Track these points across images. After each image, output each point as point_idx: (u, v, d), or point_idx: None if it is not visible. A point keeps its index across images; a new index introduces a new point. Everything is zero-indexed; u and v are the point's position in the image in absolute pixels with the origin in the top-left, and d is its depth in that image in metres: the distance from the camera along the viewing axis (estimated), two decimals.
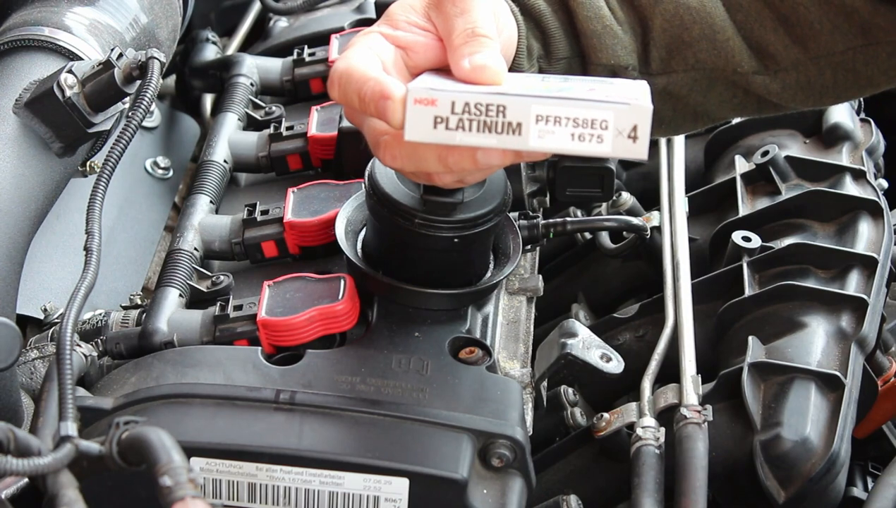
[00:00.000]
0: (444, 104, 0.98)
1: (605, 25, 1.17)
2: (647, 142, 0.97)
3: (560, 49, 1.17)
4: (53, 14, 1.32)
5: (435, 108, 0.98)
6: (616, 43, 1.17)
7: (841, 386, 1.27)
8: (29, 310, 1.31)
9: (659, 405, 1.26)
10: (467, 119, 0.98)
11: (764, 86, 1.20)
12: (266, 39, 1.72)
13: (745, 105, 1.23)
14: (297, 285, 1.17)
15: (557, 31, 1.17)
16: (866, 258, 1.42)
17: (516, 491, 1.08)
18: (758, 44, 1.18)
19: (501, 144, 0.98)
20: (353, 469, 1.04)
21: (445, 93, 0.98)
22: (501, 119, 0.98)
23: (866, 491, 1.40)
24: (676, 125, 1.26)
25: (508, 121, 0.98)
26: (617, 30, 1.17)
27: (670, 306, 1.38)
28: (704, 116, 1.24)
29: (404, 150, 1.02)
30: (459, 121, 0.98)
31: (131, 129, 1.18)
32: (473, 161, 1.02)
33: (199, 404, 1.08)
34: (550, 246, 1.57)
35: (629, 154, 0.98)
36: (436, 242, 1.13)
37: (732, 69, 1.19)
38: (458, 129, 0.98)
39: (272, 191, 1.39)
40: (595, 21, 1.16)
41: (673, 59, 1.18)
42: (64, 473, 0.91)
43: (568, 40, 1.17)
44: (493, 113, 0.98)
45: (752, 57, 1.19)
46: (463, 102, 0.98)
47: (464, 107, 0.98)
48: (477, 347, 1.15)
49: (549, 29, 1.16)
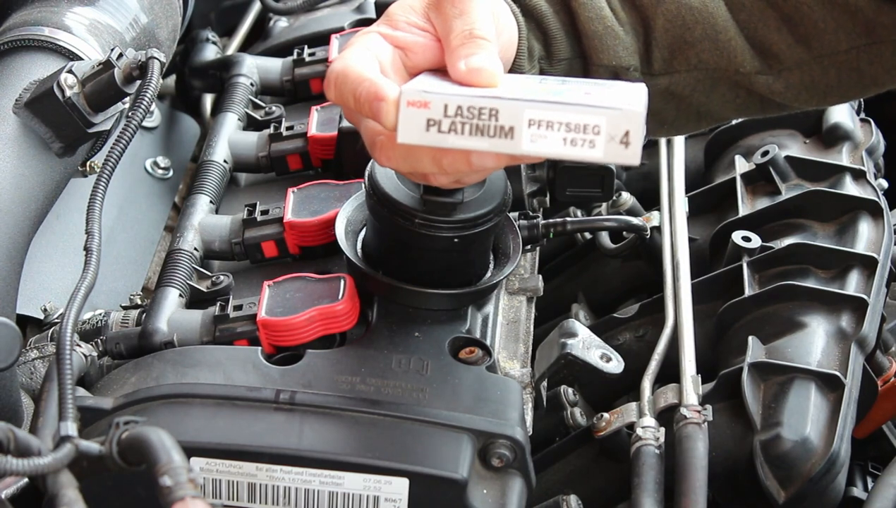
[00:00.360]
0: (437, 107, 0.98)
1: (607, 26, 1.17)
2: (639, 147, 0.97)
3: (561, 50, 1.17)
4: (53, 14, 1.32)
5: (427, 111, 0.98)
6: (617, 44, 1.17)
7: (841, 386, 1.27)
8: (29, 310, 1.31)
9: (659, 405, 1.26)
10: (460, 122, 0.98)
11: (767, 86, 1.20)
12: (266, 39, 1.72)
13: (749, 105, 1.23)
14: (297, 285, 1.17)
15: (559, 32, 1.17)
16: (866, 258, 1.42)
17: (516, 491, 1.08)
18: (761, 43, 1.18)
19: (494, 148, 0.98)
20: (353, 469, 1.04)
21: (438, 96, 0.98)
22: (494, 123, 0.97)
23: (866, 491, 1.40)
24: (679, 125, 1.26)
25: (501, 124, 0.97)
26: (618, 31, 1.17)
27: (670, 306, 1.38)
28: (707, 116, 1.24)
29: (399, 151, 1.02)
30: (452, 124, 0.98)
31: (131, 129, 1.18)
32: (468, 163, 1.02)
33: (199, 404, 1.08)
34: (550, 246, 1.57)
35: (621, 159, 0.97)
36: (436, 242, 1.13)
37: (735, 69, 1.18)
38: (451, 132, 0.98)
39: (272, 191, 1.39)
40: (596, 22, 1.16)
41: (675, 60, 1.18)
42: (64, 473, 0.91)
43: (569, 41, 1.17)
44: (485, 116, 0.97)
45: (755, 57, 1.18)
46: (456, 105, 0.97)
47: (456, 110, 0.97)
48: (477, 347, 1.15)
49: (550, 30, 1.16)
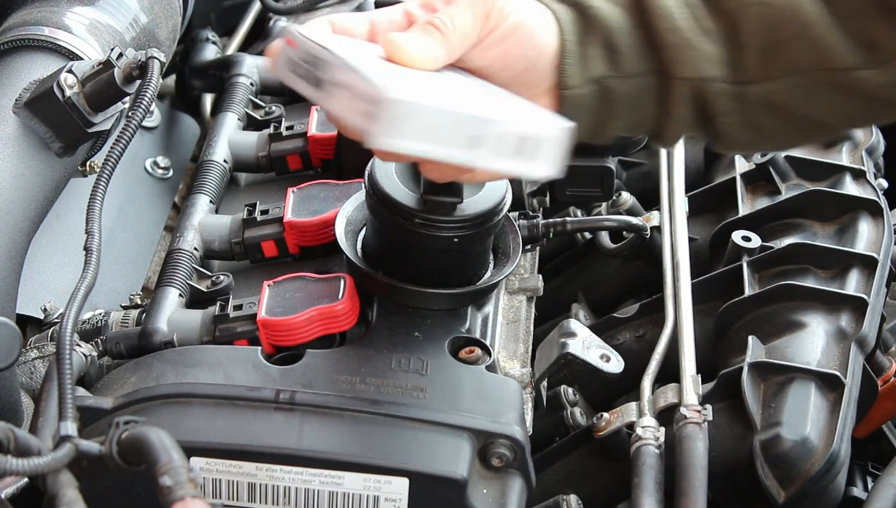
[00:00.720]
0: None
1: (687, 38, 1.09)
2: (559, 162, 1.00)
3: (632, 65, 1.10)
4: (53, 14, 1.32)
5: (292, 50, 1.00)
6: (698, 55, 1.09)
7: (841, 386, 1.27)
8: (29, 310, 1.31)
9: (659, 405, 1.26)
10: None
11: (870, 82, 1.11)
12: (266, 39, 1.72)
13: (852, 107, 1.14)
14: (297, 285, 1.17)
15: (629, 47, 1.09)
16: (866, 258, 1.42)
17: (516, 491, 1.08)
18: (858, 35, 1.10)
19: (452, 157, 0.99)
20: (353, 469, 1.04)
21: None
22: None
23: (866, 491, 1.40)
24: (787, 139, 1.20)
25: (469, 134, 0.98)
26: (700, 41, 1.09)
27: (670, 306, 1.38)
28: (814, 127, 1.16)
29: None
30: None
31: (131, 129, 1.18)
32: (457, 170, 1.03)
33: (199, 404, 1.08)
34: (550, 246, 1.57)
35: (536, 174, 1.01)
36: (436, 242, 1.13)
37: (833, 66, 1.10)
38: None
39: (272, 190, 1.39)
40: (676, 33, 1.09)
41: (768, 63, 1.11)
42: (64, 473, 0.91)
43: (644, 56, 1.11)
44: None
45: (853, 50, 1.10)
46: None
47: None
48: (477, 347, 1.15)
49: (618, 45, 1.09)
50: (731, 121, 1.11)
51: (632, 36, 1.09)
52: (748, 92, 1.10)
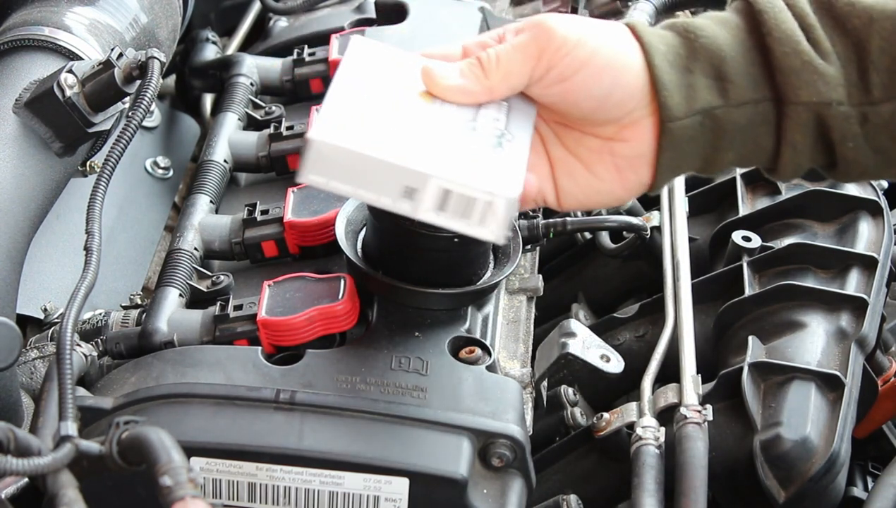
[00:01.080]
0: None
1: (805, 61, 1.04)
2: (505, 226, 1.01)
3: (743, 94, 1.06)
4: (53, 14, 1.32)
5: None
6: (817, 79, 1.04)
7: (841, 386, 1.27)
8: (29, 310, 1.31)
9: (659, 405, 1.26)
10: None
11: None
12: (266, 39, 1.71)
13: None
14: (297, 285, 1.17)
15: (740, 75, 1.05)
16: (866, 258, 1.42)
17: (516, 491, 1.08)
18: None
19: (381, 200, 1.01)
20: (353, 469, 1.04)
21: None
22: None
23: (866, 491, 1.40)
24: None
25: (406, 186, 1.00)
26: (819, 64, 1.04)
27: (670, 306, 1.38)
28: None
29: None
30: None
31: (131, 129, 1.18)
32: None
33: (199, 404, 1.08)
34: (550, 246, 1.56)
35: (480, 236, 1.01)
36: (436, 242, 1.13)
37: None
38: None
39: (272, 190, 1.39)
40: (794, 57, 1.04)
41: (895, 83, 1.05)
42: (64, 473, 0.91)
43: (757, 82, 1.06)
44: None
45: None
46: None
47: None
48: (477, 347, 1.15)
49: (728, 74, 1.05)
50: (855, 146, 1.06)
51: (745, 63, 1.06)
52: (873, 114, 1.05)
